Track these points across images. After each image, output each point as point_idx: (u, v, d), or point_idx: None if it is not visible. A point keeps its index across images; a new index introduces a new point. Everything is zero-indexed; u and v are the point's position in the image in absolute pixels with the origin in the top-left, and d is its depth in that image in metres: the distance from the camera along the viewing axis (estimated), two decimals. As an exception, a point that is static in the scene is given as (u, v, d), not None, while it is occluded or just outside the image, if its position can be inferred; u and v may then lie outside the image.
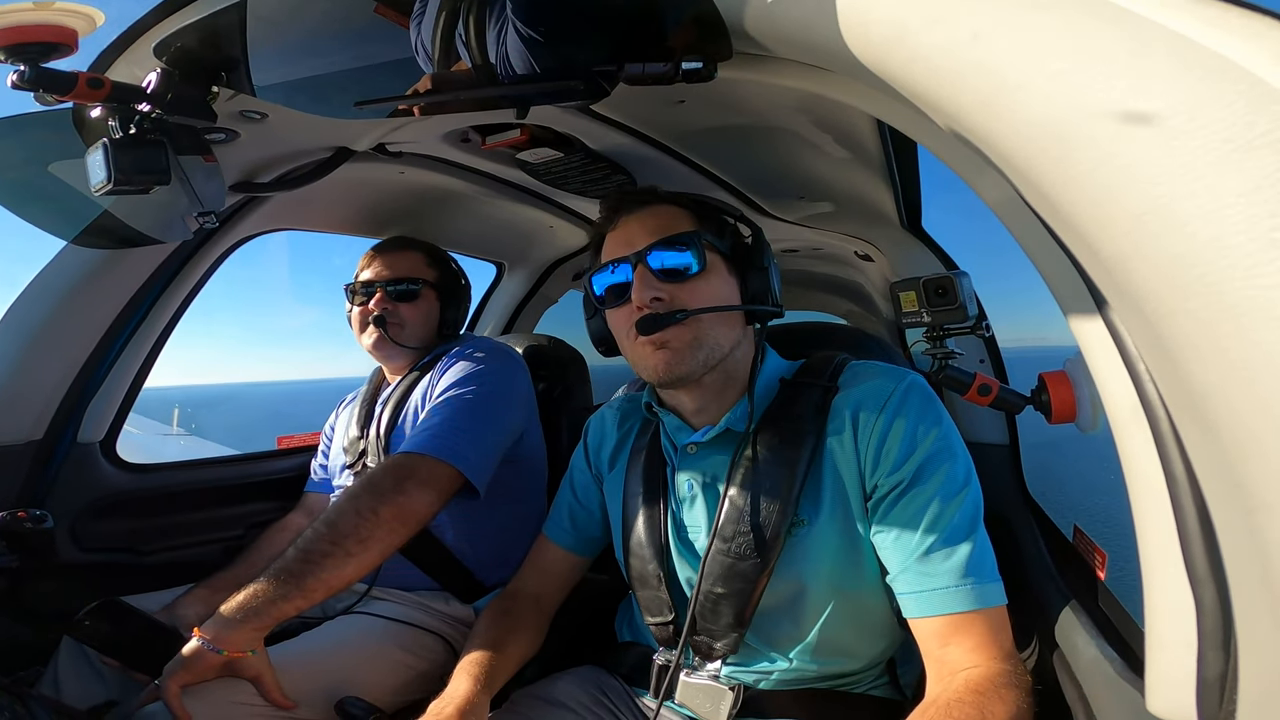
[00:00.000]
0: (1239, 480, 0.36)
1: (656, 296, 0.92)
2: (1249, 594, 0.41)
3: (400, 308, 1.54)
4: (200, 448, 4.45)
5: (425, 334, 1.57)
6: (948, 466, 0.87)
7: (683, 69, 0.72)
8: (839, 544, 0.90)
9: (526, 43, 0.69)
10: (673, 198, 1.02)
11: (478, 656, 0.98)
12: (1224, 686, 0.46)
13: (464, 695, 0.91)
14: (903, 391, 0.91)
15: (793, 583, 0.91)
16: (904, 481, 0.87)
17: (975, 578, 0.82)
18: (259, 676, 1.03)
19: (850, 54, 0.51)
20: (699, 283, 0.94)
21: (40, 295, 1.35)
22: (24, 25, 0.78)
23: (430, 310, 1.58)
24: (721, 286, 0.96)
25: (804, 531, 0.90)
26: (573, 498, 1.18)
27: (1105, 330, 0.54)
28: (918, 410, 0.90)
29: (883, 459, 0.88)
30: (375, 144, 1.37)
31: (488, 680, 0.95)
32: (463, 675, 0.95)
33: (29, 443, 1.40)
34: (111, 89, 0.94)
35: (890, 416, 0.89)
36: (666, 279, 0.93)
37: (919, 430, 0.88)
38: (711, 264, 0.95)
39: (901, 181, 1.48)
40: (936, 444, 0.88)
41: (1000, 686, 0.76)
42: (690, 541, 0.99)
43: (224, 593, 1.07)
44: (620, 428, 1.16)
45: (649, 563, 1.01)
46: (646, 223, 0.97)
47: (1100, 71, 0.37)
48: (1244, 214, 0.31)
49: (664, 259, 0.94)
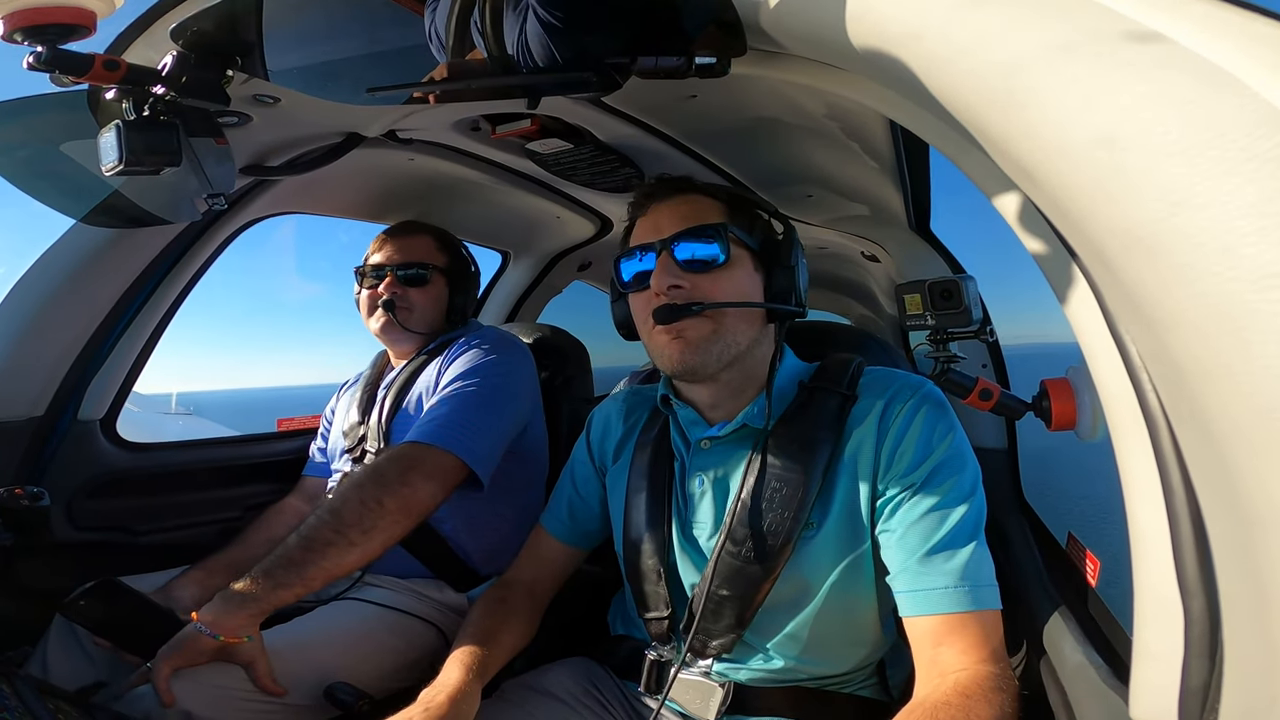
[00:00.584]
0: (1237, 494, 0.36)
1: (676, 285, 0.92)
2: (1239, 606, 0.41)
3: (409, 292, 1.54)
4: (200, 427, 4.47)
5: (434, 319, 1.57)
6: (958, 473, 0.88)
7: (696, 63, 0.72)
8: (844, 547, 0.91)
9: (546, 28, 0.69)
10: (708, 189, 1.01)
11: (471, 645, 0.98)
12: (1206, 695, 0.47)
13: (456, 683, 0.91)
14: (920, 399, 0.92)
15: (796, 584, 0.91)
16: (914, 485, 0.87)
17: (973, 580, 0.83)
18: (252, 663, 1.03)
19: (865, 53, 0.51)
20: (722, 275, 0.93)
21: (46, 272, 1.35)
22: (44, 6, 0.77)
23: (439, 296, 1.57)
24: (745, 281, 0.95)
25: (811, 534, 0.91)
26: (573, 490, 1.18)
27: (1110, 339, 0.54)
28: (934, 418, 0.91)
29: (896, 463, 0.89)
30: (385, 130, 1.37)
31: (480, 669, 0.95)
32: (455, 664, 0.95)
33: (30, 419, 1.40)
34: (127, 71, 0.93)
35: (905, 424, 0.90)
36: (690, 269, 0.93)
37: (934, 437, 0.89)
38: (737, 258, 0.95)
39: (912, 183, 1.48)
40: (949, 451, 0.89)
41: (988, 690, 0.77)
42: (695, 539, 0.99)
43: (219, 575, 1.07)
44: (626, 420, 1.15)
45: (650, 557, 1.00)
46: (677, 211, 0.97)
47: (1115, 85, 0.37)
48: (1254, 225, 0.32)
49: (689, 249, 0.93)
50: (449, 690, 0.90)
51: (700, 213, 0.96)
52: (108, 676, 1.12)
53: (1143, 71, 0.36)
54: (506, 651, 1.05)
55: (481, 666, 0.96)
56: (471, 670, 0.94)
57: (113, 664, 1.16)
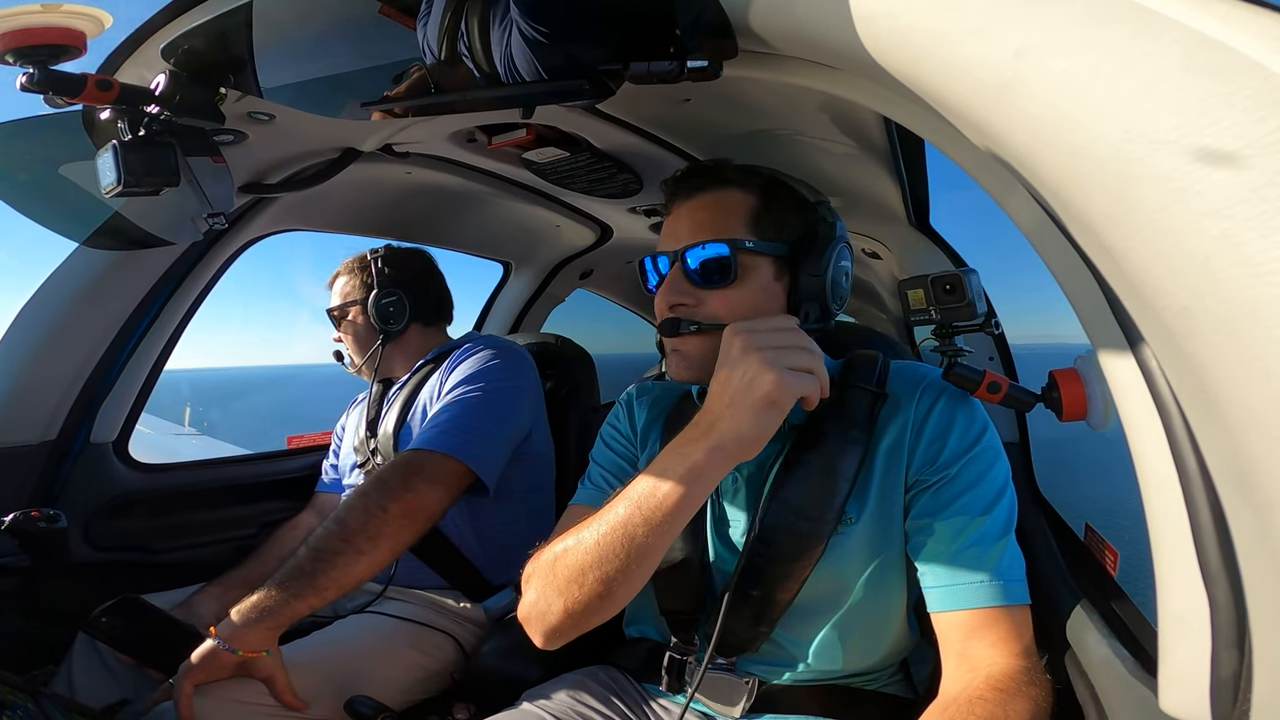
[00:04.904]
0: (1253, 476, 0.35)
1: (680, 302, 0.90)
2: (1263, 592, 0.40)
3: (342, 335, 1.63)
4: (212, 447, 4.50)
5: (364, 348, 1.60)
6: (990, 468, 0.87)
7: (688, 67, 0.71)
8: (877, 544, 0.90)
9: (531, 44, 0.69)
10: (740, 179, 0.94)
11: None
12: (1238, 685, 0.46)
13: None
14: (951, 394, 0.91)
15: (829, 582, 0.90)
16: (947, 480, 0.87)
17: (1005, 576, 0.82)
18: (272, 677, 1.03)
19: (856, 51, 0.51)
20: (732, 292, 0.90)
21: (52, 297, 1.36)
22: (32, 28, 0.78)
23: (359, 329, 1.60)
24: (757, 295, 0.90)
25: (849, 529, 0.90)
26: (612, 455, 1.10)
27: (1117, 327, 0.54)
28: (967, 413, 0.90)
29: (930, 458, 0.88)
30: (382, 144, 1.38)
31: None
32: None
33: (43, 443, 1.42)
34: (120, 91, 0.94)
35: (940, 418, 0.89)
36: (700, 282, 0.90)
37: (967, 432, 0.89)
38: (752, 269, 0.90)
39: (909, 179, 1.47)
40: (981, 445, 0.88)
41: (1022, 684, 0.76)
42: (728, 535, 0.98)
43: (236, 591, 1.08)
44: (651, 410, 1.11)
45: (679, 551, 0.98)
46: (695, 215, 0.93)
47: (1109, 73, 0.36)
48: (1255, 211, 0.31)
49: (700, 262, 0.90)
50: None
51: (719, 219, 0.91)
52: (132, 694, 1.14)
53: (1137, 58, 0.35)
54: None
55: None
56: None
57: (137, 681, 1.18)
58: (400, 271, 1.59)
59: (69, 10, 0.78)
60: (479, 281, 3.18)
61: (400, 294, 1.56)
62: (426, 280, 1.63)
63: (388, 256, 1.61)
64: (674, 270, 0.92)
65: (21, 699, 0.87)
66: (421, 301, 1.59)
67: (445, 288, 1.68)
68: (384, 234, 1.88)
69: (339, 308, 1.61)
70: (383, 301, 1.55)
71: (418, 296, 1.59)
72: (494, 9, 0.72)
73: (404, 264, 1.61)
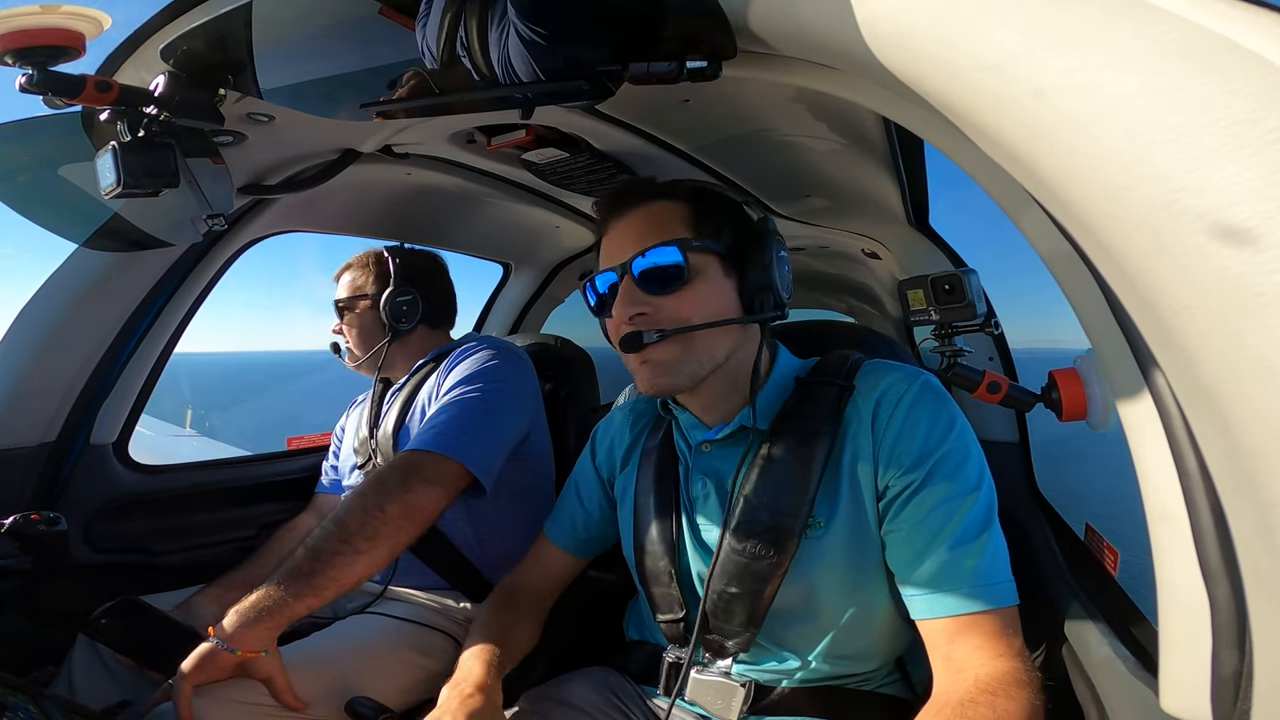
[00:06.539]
0: (1253, 475, 0.35)
1: (639, 312, 0.90)
2: (1263, 591, 0.40)
3: (344, 328, 1.62)
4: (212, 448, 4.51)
5: (368, 344, 1.59)
6: (960, 467, 0.86)
7: (687, 68, 0.71)
8: (852, 546, 0.89)
9: (528, 45, 0.69)
10: (668, 191, 0.97)
11: (485, 643, 0.98)
12: (1239, 684, 0.46)
13: (480, 677, 0.90)
14: (916, 391, 0.90)
15: (806, 584, 0.90)
16: (915, 482, 0.86)
17: (986, 579, 0.81)
18: (271, 677, 1.03)
19: (855, 51, 0.51)
20: (685, 294, 0.90)
21: (52, 298, 1.36)
22: (31, 29, 0.78)
23: (365, 321, 1.59)
24: (712, 293, 0.92)
25: (820, 533, 0.90)
26: (576, 500, 1.18)
27: (1117, 327, 0.54)
28: (931, 410, 0.89)
29: (896, 459, 0.87)
30: (381, 145, 1.38)
31: (499, 666, 0.95)
32: (474, 659, 0.94)
33: (42, 445, 1.42)
34: (119, 92, 0.94)
35: (903, 416, 0.89)
36: (652, 291, 0.90)
37: (932, 430, 0.87)
38: (702, 269, 0.91)
39: (908, 179, 1.48)
40: (949, 444, 0.87)
41: (1011, 685, 0.76)
42: (703, 539, 0.99)
43: (237, 592, 1.08)
44: (633, 429, 1.16)
45: (660, 559, 1.00)
46: (634, 227, 0.94)
47: (1109, 71, 0.36)
48: (1256, 210, 0.31)
49: (649, 271, 0.90)
50: (475, 682, 0.89)
51: (658, 226, 0.92)
52: (132, 695, 1.14)
53: (1137, 56, 0.35)
54: (519, 651, 1.05)
55: (499, 664, 0.95)
56: (491, 666, 0.94)
57: (137, 682, 1.18)
58: (415, 271, 1.61)
59: (68, 11, 0.78)
60: (479, 282, 3.17)
61: (415, 294, 1.58)
62: (438, 282, 1.65)
63: (404, 255, 1.62)
64: (625, 283, 0.92)
65: (22, 700, 0.87)
66: (432, 303, 1.61)
67: (453, 291, 1.69)
68: (384, 235, 1.88)
69: (347, 300, 1.61)
70: (397, 299, 1.56)
71: (429, 298, 1.60)
72: (491, 10, 0.72)
73: (418, 264, 1.63)
